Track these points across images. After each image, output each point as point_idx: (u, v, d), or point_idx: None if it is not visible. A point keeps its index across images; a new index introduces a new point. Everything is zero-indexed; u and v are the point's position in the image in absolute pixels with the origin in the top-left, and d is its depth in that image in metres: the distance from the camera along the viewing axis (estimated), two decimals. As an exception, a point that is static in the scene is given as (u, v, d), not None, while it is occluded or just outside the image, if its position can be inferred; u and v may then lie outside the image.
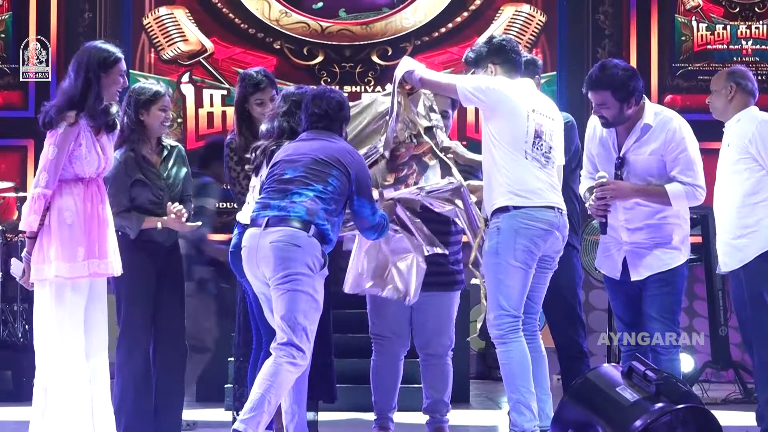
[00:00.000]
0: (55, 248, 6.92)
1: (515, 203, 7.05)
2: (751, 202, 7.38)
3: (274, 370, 6.77)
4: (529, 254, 7.07)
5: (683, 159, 7.17)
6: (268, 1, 13.22)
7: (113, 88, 7.12)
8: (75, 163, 7.00)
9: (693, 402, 5.80)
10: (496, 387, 10.92)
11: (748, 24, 13.24)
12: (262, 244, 6.85)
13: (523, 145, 7.11)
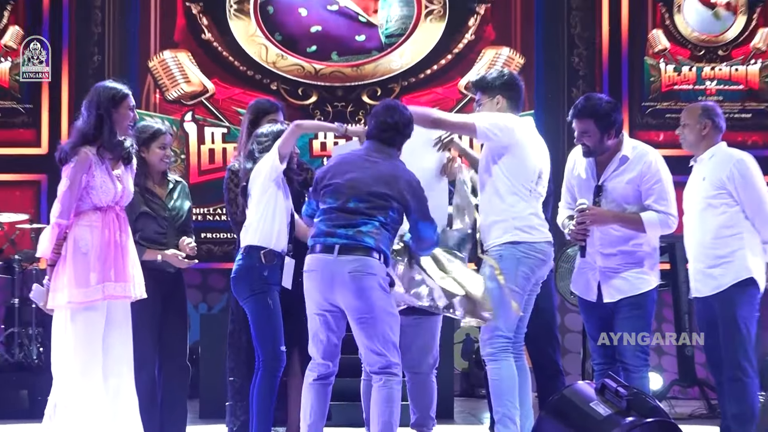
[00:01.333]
0: (68, 276, 6.99)
1: (520, 239, 7.17)
2: (725, 235, 7.43)
3: (387, 394, 6.97)
4: (527, 281, 7.22)
5: (658, 189, 7.29)
6: (265, 44, 13.27)
7: (124, 122, 7.23)
8: (91, 193, 7.08)
9: (661, 416, 5.84)
10: (479, 404, 10.95)
11: (712, 66, 13.29)
12: (338, 271, 6.91)
13: (530, 183, 7.25)
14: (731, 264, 7.42)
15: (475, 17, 13.38)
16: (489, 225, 7.28)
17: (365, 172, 7.02)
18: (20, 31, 13.19)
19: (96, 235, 7.11)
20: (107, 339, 7.14)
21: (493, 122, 7.19)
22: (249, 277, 7.64)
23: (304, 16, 13.37)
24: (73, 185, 7.05)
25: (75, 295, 7.01)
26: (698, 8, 13.32)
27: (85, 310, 7.06)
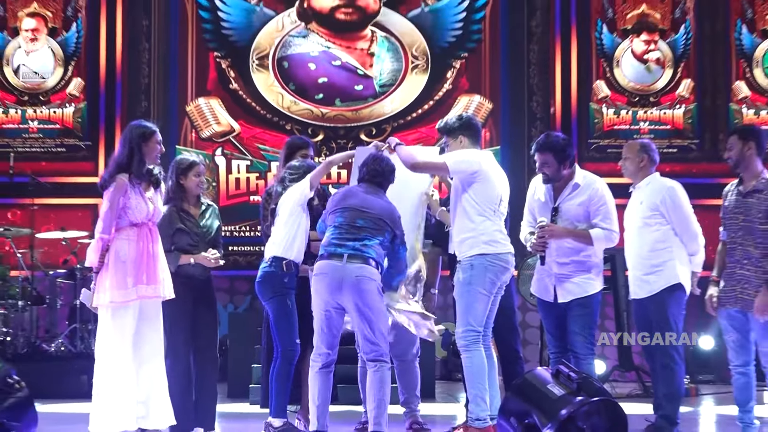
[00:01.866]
0: (110, 280, 7.06)
1: (487, 251, 7.24)
2: (658, 248, 7.45)
3: (380, 377, 7.12)
4: (493, 285, 7.27)
5: (603, 210, 7.36)
6: (281, 93, 13.26)
7: (153, 154, 7.28)
8: (127, 212, 7.13)
9: (605, 396, 5.83)
10: (456, 386, 10.94)
11: (645, 110, 13.28)
12: (346, 275, 7.04)
13: (494, 205, 7.32)
14: (663, 272, 7.44)
15: (452, 70, 13.38)
16: (461, 241, 7.33)
17: (369, 203, 7.23)
18: (82, 82, 13.18)
19: (132, 247, 7.16)
20: (141, 332, 7.20)
21: (461, 159, 7.30)
22: (272, 281, 7.68)
23: (312, 69, 13.36)
24: (112, 206, 7.11)
25: (115, 295, 7.07)
26: (633, 63, 13.34)
27: (123, 308, 7.14)
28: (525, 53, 13.36)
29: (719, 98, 13.37)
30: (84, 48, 13.29)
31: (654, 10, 13.40)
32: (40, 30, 13.29)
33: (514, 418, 5.81)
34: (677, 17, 13.40)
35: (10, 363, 6.71)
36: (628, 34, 13.39)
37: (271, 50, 13.32)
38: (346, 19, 13.43)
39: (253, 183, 13.08)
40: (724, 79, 13.38)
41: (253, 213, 12.67)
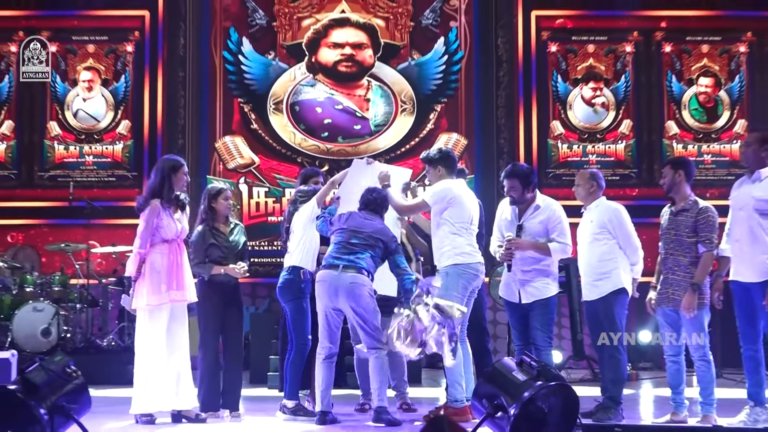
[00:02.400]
0: (146, 287, 7.18)
1: (459, 261, 7.32)
2: (606, 258, 7.49)
3: (380, 363, 7.25)
4: (465, 289, 7.34)
5: (559, 228, 7.48)
6: (293, 131, 13.23)
7: (181, 183, 7.42)
8: (160, 231, 7.24)
9: (560, 381, 5.78)
10: (438, 373, 10.88)
11: (593, 144, 13.25)
12: (341, 282, 7.17)
13: (466, 224, 7.41)
14: (610, 278, 7.47)
15: (434, 113, 13.35)
16: (440, 255, 7.42)
17: (365, 224, 7.34)
18: (129, 124, 13.15)
19: (164, 259, 7.23)
20: (171, 329, 7.31)
21: (436, 192, 7.43)
22: (291, 287, 7.76)
23: (319, 112, 13.32)
24: (147, 226, 7.20)
25: (151, 299, 7.17)
26: (583, 107, 13.32)
27: (158, 310, 7.14)
28: (494, 98, 13.33)
29: (654, 135, 13.34)
30: (131, 95, 13.26)
31: (599, 63, 13.39)
32: (95, 81, 13.27)
33: (485, 399, 5.76)
34: (618, 69, 13.39)
35: (69, 355, 6.66)
36: (579, 83, 13.37)
37: (285, 97, 13.28)
38: (347, 71, 13.38)
39: (270, 206, 13.04)
40: (657, 119, 13.36)
41: (270, 231, 12.70)
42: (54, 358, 5.78)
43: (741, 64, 13.37)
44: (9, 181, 13.04)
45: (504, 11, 13.40)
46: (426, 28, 13.44)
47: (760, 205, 6.88)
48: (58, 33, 13.27)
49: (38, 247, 12.48)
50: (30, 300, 11.04)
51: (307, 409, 7.70)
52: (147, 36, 13.28)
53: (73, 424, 5.54)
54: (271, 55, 13.37)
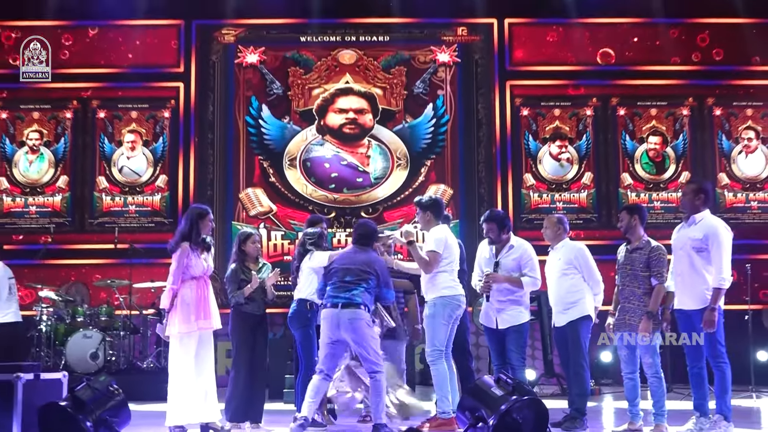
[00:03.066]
0: (178, 317, 7.15)
1: (445, 294, 7.36)
2: (573, 290, 7.49)
3: (378, 386, 7.09)
4: (450, 317, 7.39)
5: (530, 264, 7.53)
6: (305, 184, 13.22)
7: (207, 228, 7.41)
8: (189, 269, 7.23)
9: (532, 395, 5.77)
10: (429, 389, 10.77)
11: (560, 194, 13.28)
12: (342, 319, 7.00)
13: (452, 263, 7.45)
14: (576, 307, 7.47)
15: (425, 167, 13.35)
16: (428, 288, 7.46)
17: (354, 261, 7.20)
18: (166, 178, 13.17)
19: (193, 293, 7.21)
20: (199, 353, 7.27)
21: (439, 240, 7.42)
22: (299, 317, 7.73)
23: (327, 167, 13.31)
24: (179, 266, 7.19)
25: (182, 328, 7.15)
26: (551, 161, 13.34)
27: (188, 337, 7.11)
28: (475, 155, 13.34)
29: (611, 185, 13.34)
30: (168, 154, 13.29)
31: (564, 124, 13.44)
32: (137, 142, 13.30)
33: (468, 411, 5.75)
34: (580, 129, 13.43)
35: (113, 376, 6.69)
36: (547, 141, 13.41)
37: (298, 154, 13.29)
38: (351, 133, 13.39)
39: (286, 247, 13.00)
40: (614, 172, 13.37)
41: (286, 268, 12.56)
42: (99, 378, 5.76)
43: (684, 124, 13.42)
44: (64, 227, 13.03)
45: (483, 81, 13.47)
46: (417, 96, 13.47)
47: (696, 243, 6.94)
48: (106, 102, 13.34)
49: (88, 283, 12.45)
50: (81, 328, 11.04)
51: (316, 422, 7.65)
52: (181, 104, 13.34)
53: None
54: (286, 120, 13.40)
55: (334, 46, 13.56)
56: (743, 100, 13.55)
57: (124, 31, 13.43)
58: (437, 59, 13.50)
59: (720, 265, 6.82)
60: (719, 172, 13.36)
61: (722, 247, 6.86)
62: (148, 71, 13.42)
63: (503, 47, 13.51)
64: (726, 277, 6.81)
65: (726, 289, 6.85)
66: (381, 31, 13.61)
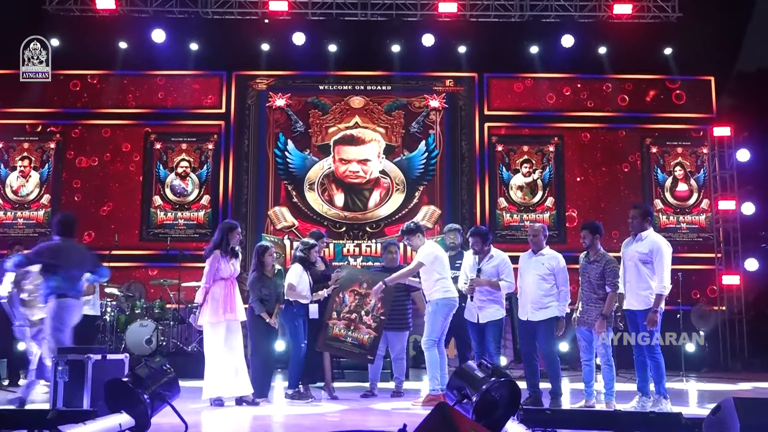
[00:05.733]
0: (209, 310, 7.13)
1: (443, 296, 7.36)
2: (549, 294, 7.24)
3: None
4: (447, 314, 7.39)
5: (507, 271, 7.41)
6: (321, 203, 13.17)
7: (235, 239, 7.32)
8: (219, 272, 7.18)
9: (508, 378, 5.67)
10: (420, 372, 10.70)
11: (527, 214, 13.24)
12: None
13: (446, 271, 7.46)
14: (550, 309, 7.25)
15: (418, 192, 13.31)
16: (430, 292, 7.44)
17: None
18: (209, 197, 13.12)
19: (222, 291, 7.14)
20: (228, 339, 7.21)
21: (427, 254, 7.42)
22: (288, 310, 7.57)
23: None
24: (211, 269, 7.16)
25: (211, 318, 7.11)
26: (522, 186, 13.29)
27: (216, 326, 7.12)
28: (459, 182, 13.31)
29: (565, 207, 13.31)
30: (210, 178, 13.25)
31: (531, 158, 13.41)
32: (187, 168, 13.26)
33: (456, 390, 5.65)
34: (545, 162, 13.41)
35: (165, 357, 6.62)
36: (517, 172, 13.37)
37: (316, 180, 13.23)
38: (355, 182, 13.37)
39: (306, 254, 12.94)
40: (570, 197, 13.32)
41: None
42: (155, 359, 5.68)
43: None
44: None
45: (466, 123, 13.44)
46: (413, 134, 13.45)
47: (642, 257, 6.92)
48: (161, 135, 13.29)
49: (145, 282, 12.37)
50: (138, 319, 10.94)
51: (302, 394, 7.60)
52: (222, 137, 13.30)
53: (167, 405, 5.42)
54: (307, 152, 13.36)
55: (346, 93, 13.55)
56: (675, 140, 13.55)
57: (180, 79, 13.47)
58: (429, 105, 13.49)
59: (662, 274, 6.78)
60: (655, 199, 13.33)
61: (663, 260, 6.82)
62: (197, 112, 13.41)
63: (482, 95, 13.52)
64: (666, 285, 6.78)
65: (666, 295, 6.79)
66: (384, 82, 13.62)
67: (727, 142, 13.32)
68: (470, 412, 5.24)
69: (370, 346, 7.78)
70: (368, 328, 7.77)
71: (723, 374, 11.51)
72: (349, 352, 7.85)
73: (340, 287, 7.89)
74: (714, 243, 13.21)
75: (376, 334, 7.78)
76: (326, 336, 7.80)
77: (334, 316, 7.84)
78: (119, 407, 5.09)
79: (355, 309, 7.84)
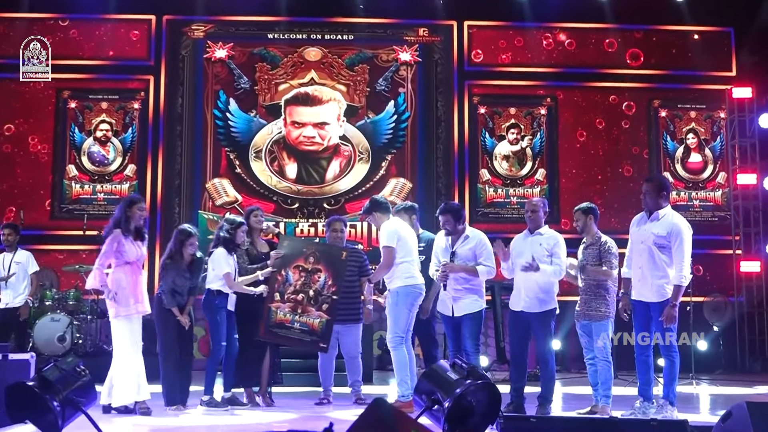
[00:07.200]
0: (118, 302, 7.14)
1: (406, 283, 7.40)
2: (548, 283, 7.19)
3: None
4: (411, 305, 7.41)
5: (485, 253, 7.36)
6: (270, 175, 13.14)
7: (137, 215, 7.25)
8: (123, 254, 7.17)
9: (486, 380, 5.72)
10: (387, 374, 10.79)
11: (514, 189, 13.32)
12: None
13: (410, 255, 7.46)
14: (552, 299, 7.25)
15: (386, 162, 13.34)
16: (390, 279, 7.49)
17: None
18: (134, 167, 13.04)
19: (128, 278, 7.19)
20: (136, 335, 7.21)
21: (389, 233, 7.46)
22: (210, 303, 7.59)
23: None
24: (109, 250, 7.18)
25: (122, 310, 7.15)
26: (508, 155, 13.37)
27: (128, 320, 7.17)
28: (434, 150, 13.35)
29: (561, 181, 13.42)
30: (136, 144, 13.17)
31: (520, 122, 13.48)
32: (108, 131, 13.15)
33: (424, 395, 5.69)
34: (535, 128, 13.50)
35: (79, 357, 6.54)
36: (503, 139, 13.45)
37: (263, 147, 13.20)
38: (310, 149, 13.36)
39: (250, 236, 12.91)
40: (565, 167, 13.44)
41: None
42: (66, 360, 5.64)
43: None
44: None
45: (442, 80, 13.46)
46: (379, 93, 13.45)
47: (659, 240, 6.87)
48: (76, 92, 13.17)
49: (57, 269, 12.25)
50: (49, 312, 10.86)
51: (219, 401, 7.57)
52: (151, 96, 13.21)
53: (81, 414, 5.39)
54: (253, 113, 13.30)
55: (300, 43, 13.50)
56: (687, 103, 13.70)
57: (96, 24, 13.29)
58: (399, 58, 13.49)
59: (681, 262, 6.79)
60: (664, 171, 13.49)
61: (684, 245, 6.82)
62: (119, 64, 13.28)
63: (462, 48, 13.53)
64: (686, 274, 6.78)
65: (685, 286, 6.82)
66: (345, 30, 13.57)
67: (748, 105, 13.50)
68: (441, 420, 5.29)
69: (323, 331, 7.59)
70: (318, 310, 7.65)
71: (740, 376, 11.72)
72: (298, 340, 7.63)
73: (282, 262, 7.69)
74: (731, 224, 13.42)
75: (328, 317, 7.60)
76: (269, 323, 7.59)
77: (277, 297, 7.61)
78: (23, 417, 5.06)
79: (302, 288, 7.64)
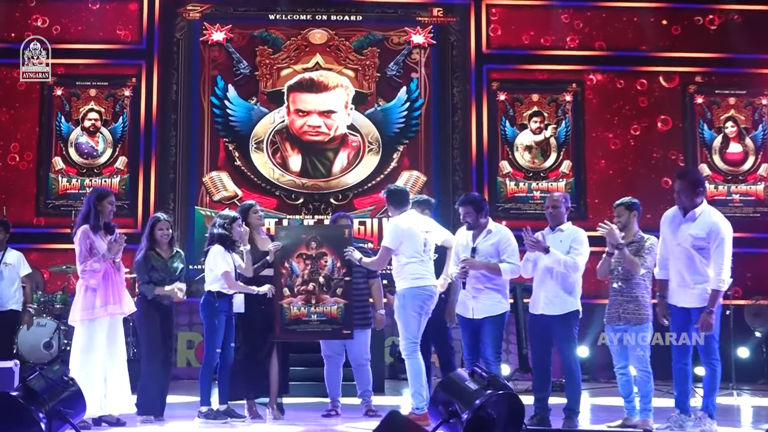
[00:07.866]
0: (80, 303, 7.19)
1: (413, 285, 7.39)
2: (570, 282, 7.17)
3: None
4: (421, 308, 7.38)
5: (510, 250, 7.36)
6: (272, 168, 13.13)
7: (107, 210, 7.32)
8: (95, 251, 7.17)
9: (508, 390, 5.74)
10: (400, 384, 10.78)
11: (537, 182, 13.28)
12: None
13: (419, 253, 7.45)
14: (574, 299, 7.22)
15: (397, 153, 13.31)
16: (397, 280, 7.52)
17: None
18: (126, 160, 13.05)
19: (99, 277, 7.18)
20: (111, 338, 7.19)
21: (390, 234, 7.50)
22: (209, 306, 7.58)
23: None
24: (82, 248, 7.19)
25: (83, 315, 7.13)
26: (530, 146, 13.34)
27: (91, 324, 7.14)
28: (450, 140, 13.32)
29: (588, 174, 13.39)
30: (128, 134, 13.17)
31: (543, 110, 13.45)
32: (97, 121, 13.16)
33: (441, 406, 5.71)
34: (560, 115, 13.44)
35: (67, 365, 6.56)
36: (525, 128, 13.41)
37: (265, 137, 13.19)
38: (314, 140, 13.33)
39: (251, 234, 12.90)
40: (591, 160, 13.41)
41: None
42: (53, 368, 5.64)
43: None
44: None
45: (459, 64, 13.43)
46: (390, 79, 13.41)
47: (698, 242, 6.84)
48: (63, 78, 13.17)
49: (43, 269, 12.29)
50: (34, 316, 10.85)
51: (236, 413, 7.56)
52: (142, 82, 13.21)
53: (69, 427, 5.40)
54: (254, 101, 13.29)
55: (304, 25, 13.47)
56: (726, 88, 13.63)
57: (88, 4, 13.29)
58: (411, 41, 13.45)
59: (720, 265, 6.75)
60: (700, 163, 13.42)
61: (725, 246, 6.78)
62: (109, 48, 13.27)
63: (480, 29, 13.48)
64: (725, 278, 6.75)
65: (724, 290, 6.80)
66: (353, 11, 13.55)
67: (794, 90, 13.45)
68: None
69: (343, 317, 7.66)
70: (333, 296, 7.67)
71: (785, 386, 11.69)
72: (319, 332, 7.72)
73: (283, 255, 7.70)
74: (775, 220, 13.36)
75: (345, 301, 7.67)
76: (284, 321, 7.63)
77: (286, 293, 7.65)
78: (6, 430, 5.06)
79: (311, 277, 7.68)
